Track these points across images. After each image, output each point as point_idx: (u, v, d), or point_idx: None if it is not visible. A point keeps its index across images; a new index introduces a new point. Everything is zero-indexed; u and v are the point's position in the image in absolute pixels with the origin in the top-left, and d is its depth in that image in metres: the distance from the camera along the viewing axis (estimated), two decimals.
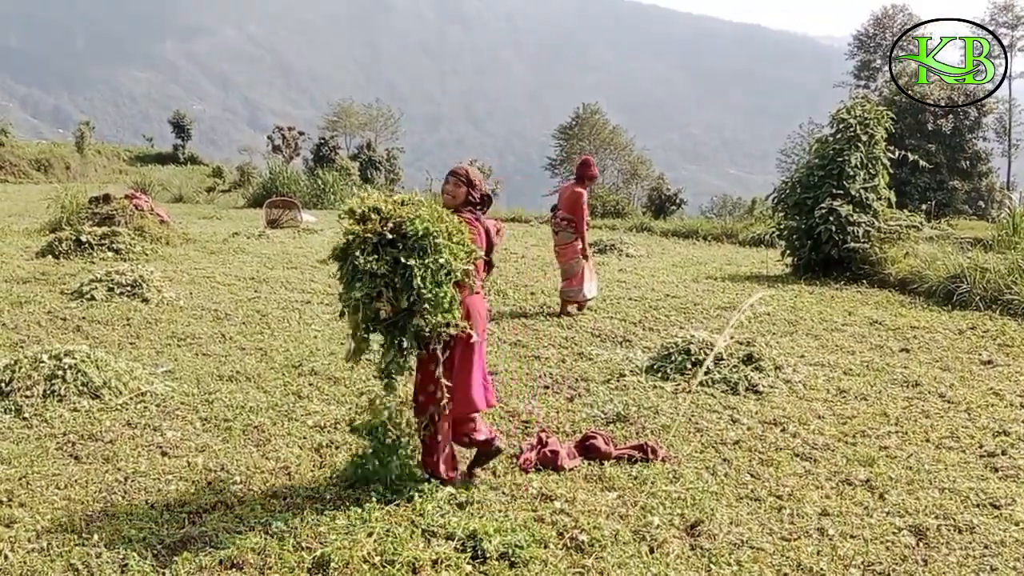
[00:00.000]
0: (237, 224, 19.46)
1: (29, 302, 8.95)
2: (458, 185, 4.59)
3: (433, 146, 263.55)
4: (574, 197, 9.36)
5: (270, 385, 6.28)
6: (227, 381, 6.36)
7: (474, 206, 4.61)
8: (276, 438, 5.21)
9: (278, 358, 7.06)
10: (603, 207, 29.70)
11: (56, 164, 47.51)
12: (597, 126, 59.09)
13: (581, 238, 9.38)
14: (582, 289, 9.36)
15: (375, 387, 6.19)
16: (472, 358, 4.50)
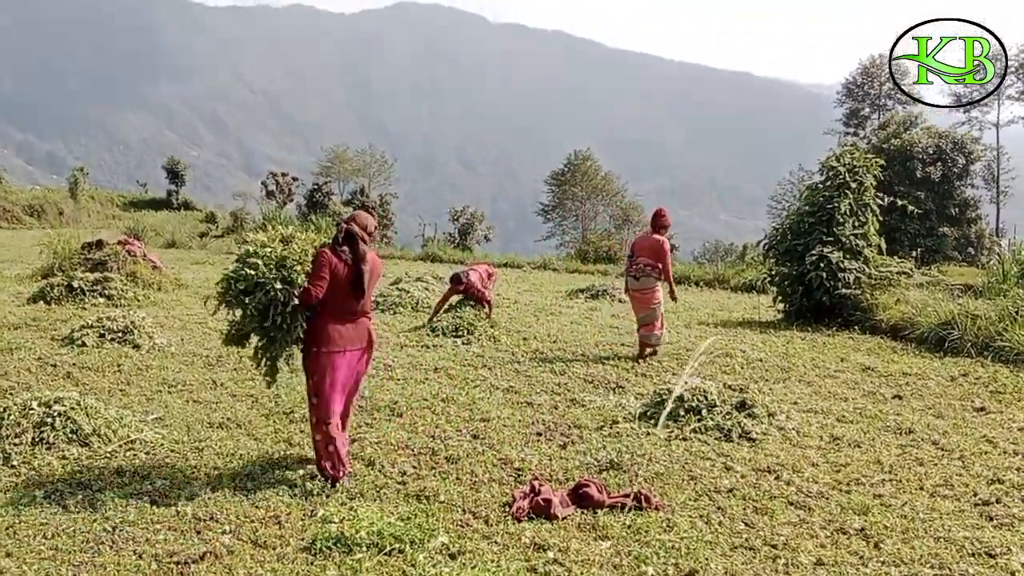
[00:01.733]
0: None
1: (19, 348, 8.91)
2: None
3: (426, 191, 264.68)
4: (657, 244, 9.80)
5: (261, 432, 6.24)
6: (217, 428, 6.31)
7: (337, 245, 5.31)
8: (266, 486, 5.16)
9: (269, 405, 7.02)
10: (595, 253, 29.80)
11: (50, 210, 47.55)
12: (589, 172, 59.48)
13: (669, 282, 9.87)
14: (661, 333, 9.84)
15: (367, 434, 6.18)
16: (321, 373, 5.27)
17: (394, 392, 7.55)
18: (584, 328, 12.15)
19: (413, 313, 12.87)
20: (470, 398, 7.45)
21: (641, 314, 9.77)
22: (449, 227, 46.19)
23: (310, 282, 5.17)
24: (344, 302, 5.28)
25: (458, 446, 6.00)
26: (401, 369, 8.58)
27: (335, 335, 5.27)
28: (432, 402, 7.25)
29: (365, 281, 5.27)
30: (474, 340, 10.37)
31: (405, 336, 10.65)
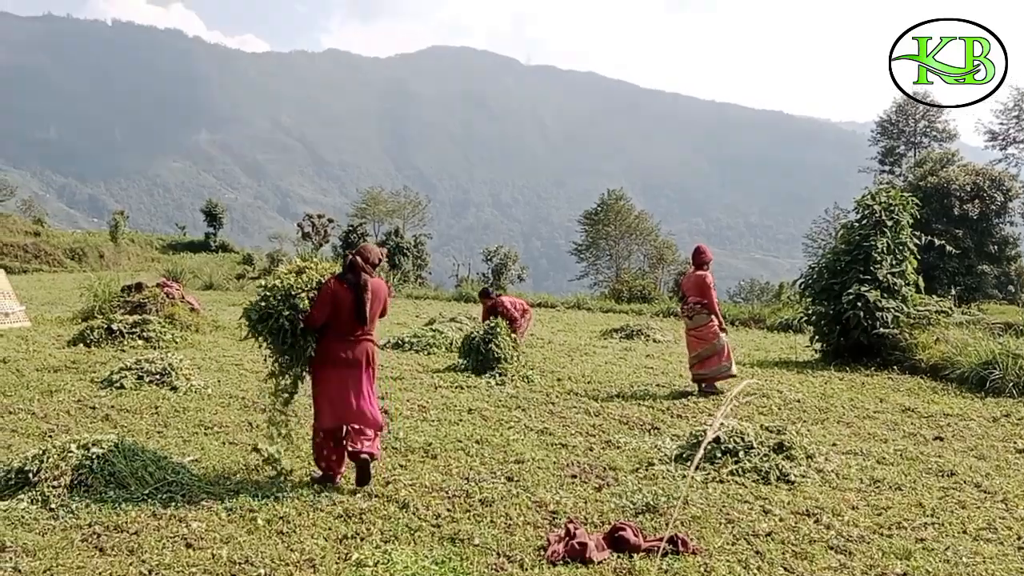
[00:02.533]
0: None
1: (59, 391, 9.03)
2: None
3: (460, 231, 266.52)
4: (699, 280, 10.06)
5: (295, 475, 6.24)
6: (253, 471, 6.33)
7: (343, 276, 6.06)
8: (301, 529, 5.16)
9: (304, 447, 7.03)
10: (629, 292, 29.71)
11: (90, 253, 48.39)
12: (622, 212, 59.50)
13: (715, 314, 10.01)
14: (731, 364, 10.04)
15: (401, 476, 6.17)
16: (324, 390, 6.06)
17: (428, 434, 7.55)
18: (619, 368, 12.09)
19: (447, 353, 12.88)
20: (504, 440, 7.43)
21: (701, 350, 10.00)
22: (483, 267, 46.40)
23: (312, 308, 5.94)
24: (347, 325, 6.00)
25: (492, 488, 5.96)
26: (435, 410, 8.58)
27: (333, 354, 6.02)
28: (466, 444, 7.23)
29: (366, 308, 5.95)
30: (508, 381, 10.35)
31: (439, 377, 10.66)
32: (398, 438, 7.31)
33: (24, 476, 5.58)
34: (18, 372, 10.08)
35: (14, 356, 11.22)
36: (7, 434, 7.20)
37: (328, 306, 5.95)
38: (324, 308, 5.94)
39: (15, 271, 39.80)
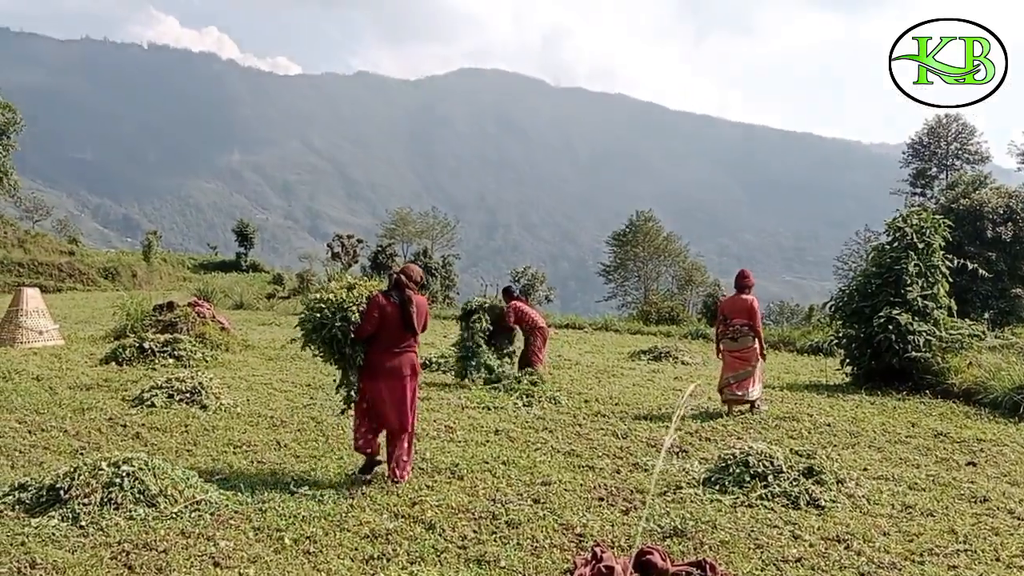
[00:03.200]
0: (295, 331, 19.74)
1: (91, 408, 9.13)
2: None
3: (488, 252, 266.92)
4: (748, 304, 10.20)
5: (323, 494, 6.26)
6: (280, 490, 6.36)
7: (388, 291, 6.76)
8: (328, 548, 5.17)
9: (332, 467, 7.06)
10: (657, 314, 29.60)
11: (123, 272, 48.97)
12: (651, 233, 59.35)
13: (759, 339, 10.17)
14: (760, 390, 10.28)
15: (428, 497, 6.17)
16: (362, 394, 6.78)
17: (455, 454, 7.54)
18: (647, 390, 12.04)
19: (475, 375, 12.86)
20: (531, 461, 7.41)
21: (738, 371, 10.12)
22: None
23: (362, 320, 6.61)
24: (394, 337, 6.70)
25: (519, 510, 5.95)
26: (462, 431, 8.57)
27: (380, 364, 6.68)
28: (493, 465, 7.22)
29: (413, 319, 6.65)
30: (535, 402, 10.33)
31: (466, 397, 10.66)
32: (425, 459, 7.31)
33: (55, 493, 5.65)
34: (51, 390, 10.22)
35: (47, 374, 11.37)
36: (39, 451, 7.29)
37: (376, 319, 6.61)
38: (372, 320, 6.60)
39: (50, 290, 40.38)
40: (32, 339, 14.67)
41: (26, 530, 5.26)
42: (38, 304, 15.34)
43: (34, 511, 5.57)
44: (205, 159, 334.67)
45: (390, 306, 6.66)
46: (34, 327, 14.87)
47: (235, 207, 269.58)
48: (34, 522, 5.38)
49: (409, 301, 6.67)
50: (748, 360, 10.12)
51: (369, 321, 6.61)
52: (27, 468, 6.72)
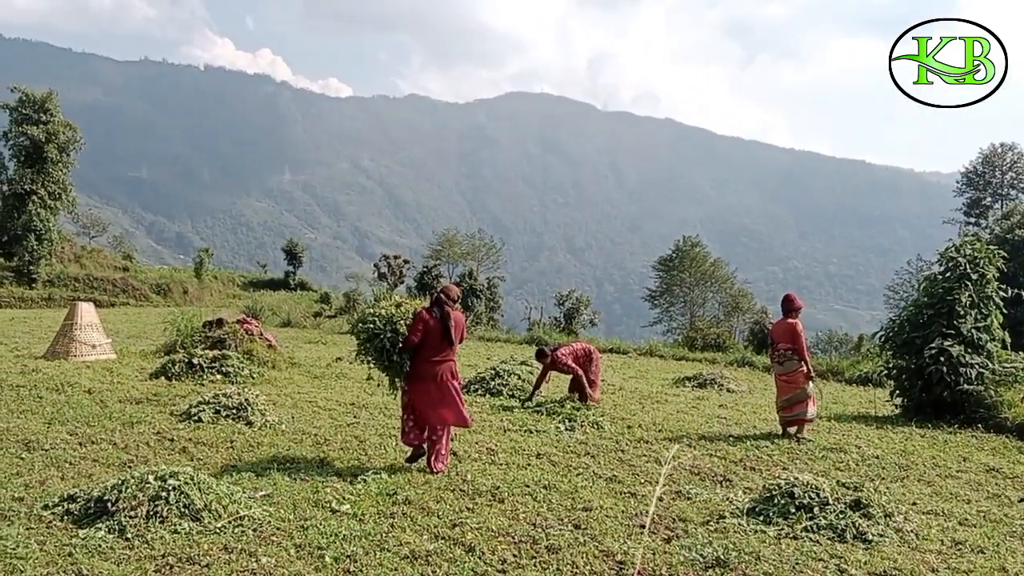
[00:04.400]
0: (341, 349, 19.92)
1: (140, 422, 9.28)
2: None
3: (533, 275, 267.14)
4: (790, 328, 10.29)
5: (364, 513, 6.28)
6: (322, 507, 6.39)
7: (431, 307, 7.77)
8: (368, 568, 5.18)
9: (373, 486, 7.09)
10: (703, 340, 29.34)
11: (175, 288, 49.86)
12: (698, 259, 58.97)
13: (805, 362, 10.18)
14: (815, 410, 10.35)
15: (468, 519, 6.16)
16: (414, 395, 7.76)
17: (496, 477, 7.53)
18: (691, 417, 11.92)
19: (521, 396, 12.84)
20: (572, 486, 7.36)
21: (788, 395, 10.21)
22: (555, 311, 46.33)
23: (409, 332, 7.66)
24: (435, 347, 7.70)
25: (559, 535, 5.91)
26: (504, 454, 8.56)
27: (424, 371, 7.71)
28: (534, 489, 7.19)
29: (452, 332, 7.68)
30: (577, 426, 10.28)
31: (508, 420, 10.65)
32: (466, 480, 7.31)
33: (103, 505, 5.74)
34: (102, 403, 10.40)
35: (99, 387, 11.59)
36: (89, 463, 7.42)
37: (420, 331, 7.64)
38: (417, 332, 7.63)
39: (104, 304, 41.23)
40: (85, 353, 14.97)
41: (74, 541, 5.35)
42: (92, 318, 15.65)
43: (82, 522, 5.67)
44: (257, 178, 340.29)
45: (432, 320, 7.67)
46: (88, 341, 15.17)
47: (285, 226, 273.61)
48: (82, 533, 5.47)
49: (448, 316, 7.68)
50: (796, 383, 10.19)
51: (415, 333, 7.63)
52: (76, 479, 6.84)
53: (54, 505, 5.99)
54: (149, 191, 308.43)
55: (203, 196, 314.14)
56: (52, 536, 5.45)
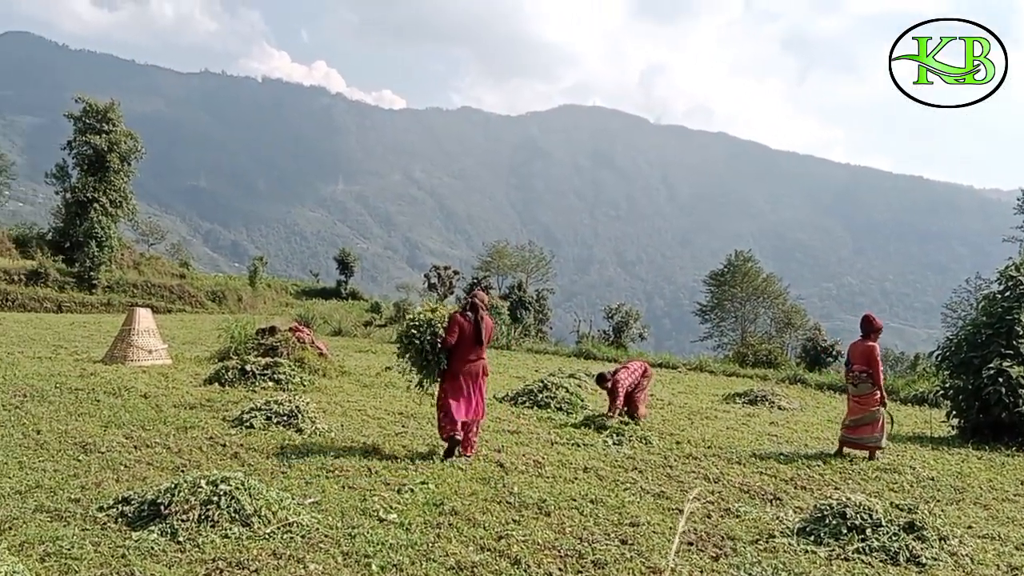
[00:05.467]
0: (390, 359, 20.03)
1: (194, 427, 9.44)
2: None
3: (583, 287, 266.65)
4: (868, 350, 10.10)
5: (411, 523, 6.31)
6: (370, 516, 6.43)
7: (464, 312, 8.77)
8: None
9: (420, 495, 7.11)
10: (754, 356, 28.99)
11: (230, 296, 50.65)
12: (750, 274, 58.34)
13: (879, 387, 10.03)
14: (883, 436, 10.09)
15: (514, 531, 6.15)
16: (450, 392, 8.66)
17: (543, 490, 7.51)
18: (741, 434, 11.78)
19: (569, 410, 12.81)
20: (619, 501, 7.32)
21: (857, 416, 10.09)
22: (604, 324, 46.15)
23: (446, 334, 8.64)
24: (468, 348, 8.68)
25: (605, 551, 5.88)
26: (551, 467, 8.54)
27: (459, 369, 8.69)
28: (581, 503, 7.16)
29: (484, 335, 8.70)
30: (625, 441, 10.22)
31: (556, 433, 10.62)
32: (512, 492, 7.30)
33: (156, 508, 5.85)
34: (157, 408, 10.60)
35: (154, 392, 11.81)
36: (143, 466, 7.56)
37: (455, 333, 8.59)
38: (453, 334, 8.59)
39: (161, 310, 42.07)
40: (142, 358, 15.26)
41: (127, 543, 5.45)
42: (149, 324, 15.96)
43: (135, 524, 5.78)
44: (311, 188, 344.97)
45: (467, 323, 8.65)
46: (144, 346, 15.46)
47: (338, 236, 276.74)
48: (135, 535, 5.57)
49: (481, 320, 8.67)
50: (867, 406, 10.03)
51: (451, 334, 8.59)
52: (131, 482, 6.97)
53: (109, 507, 6.11)
54: (207, 200, 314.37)
55: (258, 205, 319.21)
56: (106, 537, 5.55)
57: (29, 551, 5.20)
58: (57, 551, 5.23)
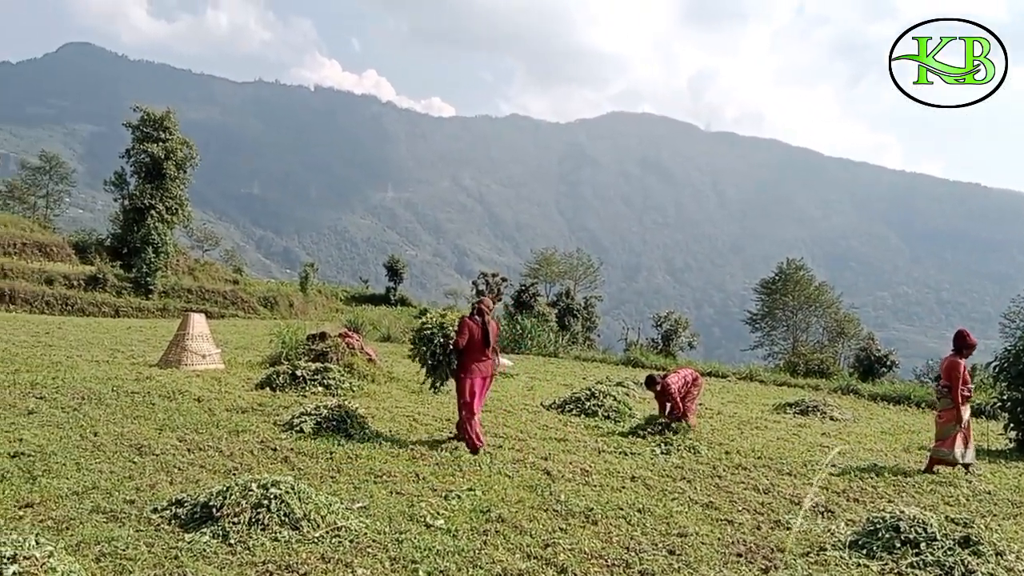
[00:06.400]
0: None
1: (245, 431, 9.57)
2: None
3: (631, 295, 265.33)
4: (951, 365, 9.99)
5: (458, 529, 6.33)
6: (417, 522, 6.47)
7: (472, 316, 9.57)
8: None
9: (467, 502, 7.13)
10: (806, 366, 28.58)
11: (281, 302, 51.25)
12: (802, 282, 57.54)
13: (955, 403, 9.89)
14: (952, 451, 9.87)
15: (561, 540, 6.14)
16: (468, 389, 9.38)
17: (590, 498, 7.49)
18: (791, 445, 11.62)
19: (616, 418, 12.75)
20: (667, 511, 7.27)
21: (938, 430, 10.06)
22: (652, 332, 45.88)
23: (456, 336, 9.50)
24: (478, 349, 9.46)
25: (653, 560, 5.84)
26: (598, 475, 8.50)
27: (471, 367, 9.44)
28: (628, 512, 7.12)
29: (492, 337, 9.51)
30: (673, 450, 10.14)
31: (603, 441, 10.58)
32: (559, 501, 7.29)
33: (208, 511, 5.94)
34: (210, 411, 10.77)
35: (208, 396, 12.00)
36: (196, 469, 7.68)
37: (465, 335, 9.37)
38: (463, 336, 9.39)
39: (215, 316, 42.75)
40: (196, 362, 15.52)
41: (180, 544, 5.54)
42: (203, 329, 16.22)
43: (188, 526, 5.87)
44: (361, 195, 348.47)
45: (476, 326, 9.41)
46: (198, 351, 15.72)
47: (387, 242, 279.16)
48: (187, 537, 5.66)
49: (488, 323, 9.47)
50: (946, 420, 9.97)
51: (462, 336, 9.39)
52: (184, 484, 7.09)
53: (163, 508, 6.21)
54: (260, 207, 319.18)
55: (310, 212, 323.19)
56: (160, 539, 5.65)
57: (85, 551, 5.31)
58: (112, 551, 5.33)
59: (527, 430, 11.07)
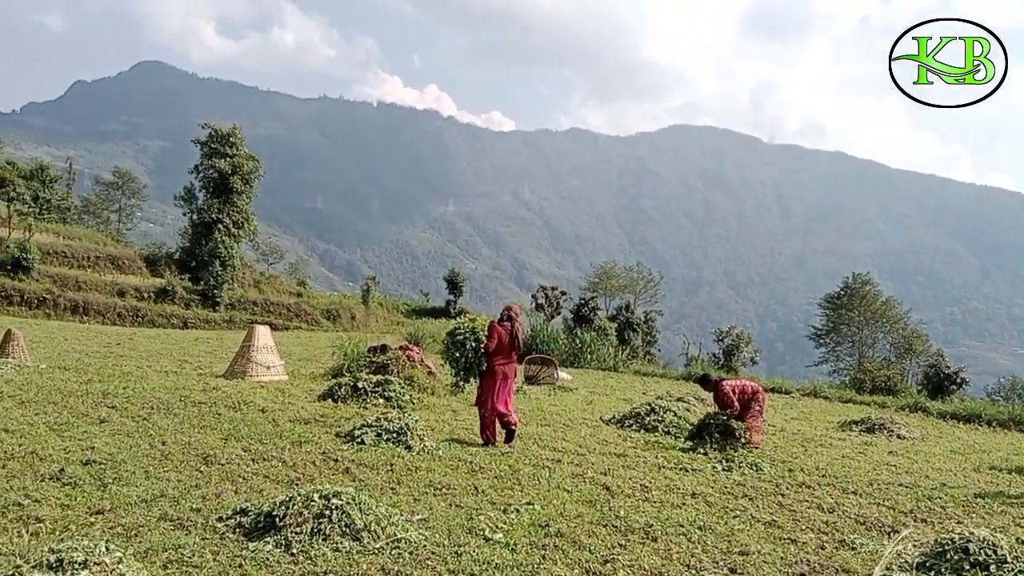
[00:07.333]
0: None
1: (308, 442, 9.69)
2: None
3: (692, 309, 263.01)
4: None
5: (517, 543, 6.32)
6: (476, 535, 6.47)
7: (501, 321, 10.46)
8: None
9: (526, 516, 7.12)
10: (872, 383, 27.99)
11: (343, 314, 51.88)
12: (868, 297, 56.41)
13: None
14: None
15: (620, 556, 6.10)
16: (490, 389, 10.33)
17: (649, 515, 7.42)
18: (857, 463, 11.38)
19: (677, 433, 12.63)
20: (728, 528, 7.17)
21: None
22: (713, 347, 45.36)
23: (487, 340, 10.50)
24: (505, 352, 10.36)
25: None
26: (657, 491, 8.43)
27: (498, 370, 10.34)
28: (688, 529, 7.04)
29: (520, 340, 10.37)
30: (735, 467, 10.01)
31: (663, 457, 10.49)
32: (619, 516, 7.24)
33: (271, 520, 6.02)
34: (274, 422, 10.94)
35: (272, 407, 12.19)
36: (260, 479, 7.81)
37: (495, 339, 10.28)
38: (493, 339, 10.31)
39: (279, 328, 43.47)
40: (260, 373, 15.79)
41: (244, 553, 5.63)
42: (268, 341, 16.50)
43: (252, 535, 5.96)
44: (423, 209, 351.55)
45: (504, 331, 10.29)
46: (263, 362, 16.00)
47: (447, 256, 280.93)
48: (251, 546, 5.75)
49: (517, 328, 10.31)
50: None
51: (492, 339, 10.32)
52: (248, 494, 7.20)
53: (227, 517, 6.31)
54: (323, 221, 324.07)
55: (372, 226, 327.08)
56: (224, 547, 5.74)
57: (152, 558, 5.43)
58: (178, 559, 5.44)
59: (586, 444, 11.03)
